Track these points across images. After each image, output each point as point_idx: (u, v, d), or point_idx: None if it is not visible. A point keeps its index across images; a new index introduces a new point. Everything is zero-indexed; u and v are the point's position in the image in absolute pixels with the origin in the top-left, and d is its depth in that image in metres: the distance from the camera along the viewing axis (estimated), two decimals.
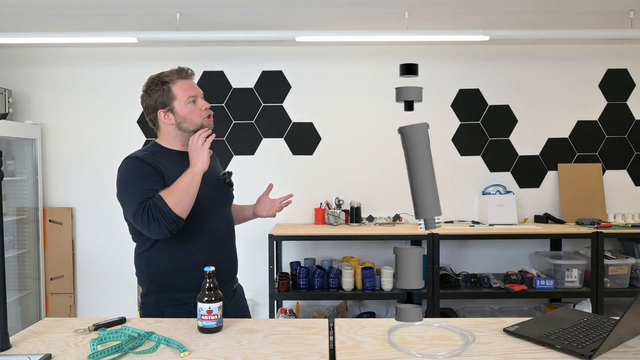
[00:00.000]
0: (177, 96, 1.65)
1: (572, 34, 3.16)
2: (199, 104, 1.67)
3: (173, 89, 1.65)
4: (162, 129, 1.70)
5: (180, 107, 1.65)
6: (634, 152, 3.79)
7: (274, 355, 1.21)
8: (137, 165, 1.60)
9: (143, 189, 1.55)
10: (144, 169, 1.59)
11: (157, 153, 1.67)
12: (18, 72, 3.77)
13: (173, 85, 1.65)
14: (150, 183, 1.56)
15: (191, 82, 1.69)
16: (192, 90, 1.67)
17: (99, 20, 3.21)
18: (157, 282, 1.66)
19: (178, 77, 1.66)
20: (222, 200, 1.76)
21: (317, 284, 3.25)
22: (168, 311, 1.61)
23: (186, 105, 1.65)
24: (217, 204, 1.73)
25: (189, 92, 1.66)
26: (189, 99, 1.65)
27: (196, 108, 1.67)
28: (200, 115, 1.67)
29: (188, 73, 1.69)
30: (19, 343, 1.31)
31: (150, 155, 1.65)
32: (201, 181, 1.59)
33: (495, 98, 3.77)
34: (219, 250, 1.69)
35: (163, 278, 1.64)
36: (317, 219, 3.63)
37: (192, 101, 1.66)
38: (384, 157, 3.75)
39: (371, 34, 3.15)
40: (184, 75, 1.68)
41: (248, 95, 3.76)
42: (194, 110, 1.66)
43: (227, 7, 3.00)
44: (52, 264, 3.72)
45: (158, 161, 1.62)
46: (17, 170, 3.60)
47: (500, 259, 3.75)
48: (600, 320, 1.40)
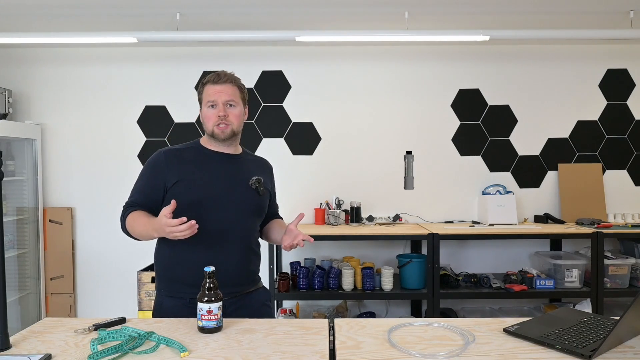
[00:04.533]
0: (204, 99, 1.74)
1: (572, 34, 3.16)
2: (215, 111, 1.71)
3: (204, 90, 1.74)
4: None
5: (203, 109, 1.75)
6: (634, 152, 3.79)
7: (274, 355, 1.21)
8: (151, 162, 1.73)
9: (137, 187, 1.73)
10: (153, 167, 1.71)
11: (189, 150, 1.75)
12: (18, 72, 3.77)
13: (205, 87, 1.74)
14: (145, 184, 1.71)
15: (219, 88, 1.71)
16: (214, 95, 1.71)
17: (99, 20, 3.21)
18: (160, 272, 1.74)
19: (209, 80, 1.74)
20: (240, 206, 1.72)
21: (317, 284, 3.25)
22: (167, 302, 1.69)
23: (206, 109, 1.73)
24: (232, 208, 1.70)
25: (210, 97, 1.71)
26: (208, 103, 1.72)
27: (212, 114, 1.71)
28: (212, 121, 1.71)
29: (220, 78, 1.72)
30: (19, 343, 1.31)
31: (178, 150, 1.75)
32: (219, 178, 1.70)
33: (495, 98, 3.77)
34: (222, 253, 1.67)
35: (164, 269, 1.72)
36: (317, 219, 3.63)
37: (211, 106, 1.72)
38: (384, 157, 3.76)
39: (371, 34, 3.15)
40: (215, 79, 1.72)
41: (248, 95, 3.75)
42: (209, 115, 1.72)
43: (227, 7, 3.00)
44: (52, 264, 3.73)
45: (181, 157, 1.71)
46: (17, 170, 3.60)
47: (500, 259, 3.75)
48: (600, 320, 1.40)
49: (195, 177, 1.68)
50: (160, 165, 1.70)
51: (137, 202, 1.70)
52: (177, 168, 1.68)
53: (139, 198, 1.70)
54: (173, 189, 1.66)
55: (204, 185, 1.68)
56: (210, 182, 1.69)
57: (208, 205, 1.66)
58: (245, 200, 1.74)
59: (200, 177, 1.69)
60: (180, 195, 1.62)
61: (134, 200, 1.70)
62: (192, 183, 1.67)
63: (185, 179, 1.67)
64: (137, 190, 1.72)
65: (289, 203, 3.70)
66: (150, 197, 1.69)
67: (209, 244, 1.66)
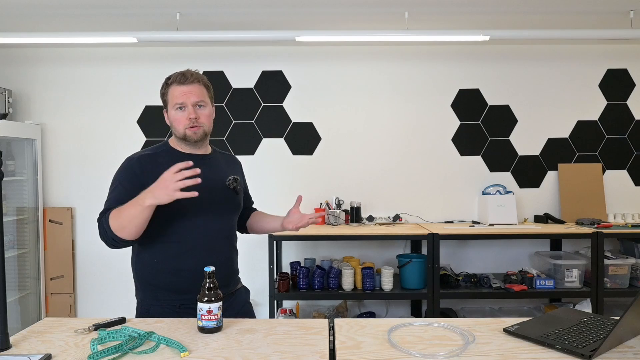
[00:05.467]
0: (169, 100, 1.67)
1: (572, 34, 3.16)
2: (185, 113, 1.64)
3: (169, 92, 1.67)
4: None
5: (170, 111, 1.68)
6: (634, 152, 3.79)
7: (274, 355, 1.21)
8: (124, 170, 1.64)
9: (113, 197, 1.60)
10: (128, 174, 1.62)
11: (161, 153, 1.69)
12: (18, 72, 3.77)
13: (170, 89, 1.67)
14: (121, 192, 1.59)
15: (186, 89, 1.64)
16: (182, 97, 1.63)
17: (99, 20, 3.21)
18: (142, 280, 1.67)
19: (174, 81, 1.66)
20: (220, 207, 1.70)
21: (317, 284, 3.25)
22: (155, 309, 1.62)
23: (175, 111, 1.66)
24: (213, 210, 1.68)
25: (178, 99, 1.64)
26: (175, 106, 1.65)
27: (182, 116, 1.65)
28: (183, 124, 1.65)
29: (186, 78, 1.65)
30: (19, 343, 1.31)
31: (151, 155, 1.67)
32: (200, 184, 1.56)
33: (495, 98, 3.77)
34: (207, 256, 1.62)
35: (147, 276, 1.66)
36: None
37: (179, 108, 1.65)
38: (383, 157, 3.76)
39: (371, 34, 3.15)
40: (181, 80, 1.65)
41: (248, 95, 3.76)
42: (179, 118, 1.65)
43: (227, 7, 3.00)
44: (52, 264, 3.73)
45: (156, 162, 1.62)
46: (17, 170, 3.60)
47: (500, 259, 3.75)
48: (600, 320, 1.40)
49: None
50: (135, 173, 1.61)
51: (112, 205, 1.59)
52: (153, 174, 1.54)
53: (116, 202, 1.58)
54: None
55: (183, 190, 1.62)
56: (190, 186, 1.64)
57: (191, 209, 1.62)
58: (225, 200, 1.73)
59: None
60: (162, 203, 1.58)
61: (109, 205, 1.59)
62: None
63: None
64: (114, 200, 1.59)
65: (289, 203, 3.68)
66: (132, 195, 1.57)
67: (195, 249, 1.63)
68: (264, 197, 3.34)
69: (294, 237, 3.33)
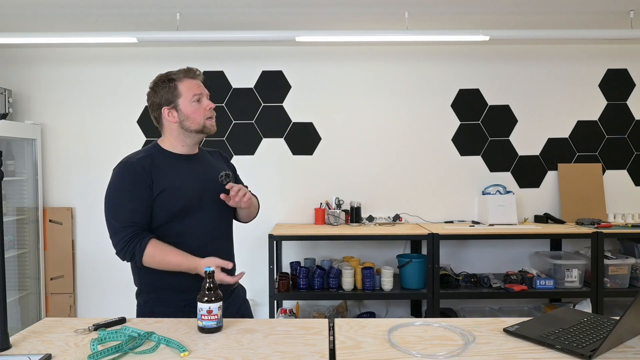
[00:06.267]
0: (183, 94, 1.66)
1: (572, 34, 3.16)
2: (204, 104, 1.68)
3: (179, 86, 1.66)
4: (165, 127, 1.70)
5: (185, 105, 1.66)
6: (634, 152, 3.79)
7: (274, 355, 1.21)
8: (126, 176, 1.60)
9: (127, 208, 1.57)
10: (132, 180, 1.59)
11: (155, 155, 1.66)
12: (18, 72, 3.77)
13: (179, 83, 1.67)
14: (133, 200, 1.57)
15: (198, 82, 1.69)
16: (198, 89, 1.68)
17: (99, 20, 3.21)
18: (145, 281, 1.67)
19: (185, 75, 1.68)
20: (218, 204, 1.70)
21: (317, 284, 3.25)
22: (158, 309, 1.63)
23: (191, 104, 1.66)
24: (212, 208, 1.69)
25: (195, 90, 1.67)
26: (193, 97, 1.66)
27: (200, 107, 1.67)
28: (203, 114, 1.68)
29: (195, 73, 1.70)
30: (19, 343, 1.31)
31: (146, 157, 1.64)
32: (194, 181, 1.62)
33: (495, 98, 3.77)
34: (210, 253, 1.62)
35: (151, 278, 1.64)
36: (317, 219, 3.62)
37: (197, 100, 1.67)
38: (383, 157, 3.76)
39: (371, 34, 3.15)
40: (191, 74, 1.69)
41: (248, 95, 3.76)
42: (197, 109, 1.67)
43: (227, 7, 3.00)
44: (52, 264, 3.72)
45: (153, 164, 1.62)
46: (17, 170, 3.60)
47: (500, 259, 3.75)
48: (600, 320, 1.40)
49: (175, 184, 1.62)
50: (142, 175, 1.59)
51: (136, 223, 1.58)
52: (156, 177, 1.59)
53: (136, 217, 1.57)
54: (157, 200, 1.60)
55: (185, 191, 1.63)
56: (189, 186, 1.65)
57: (193, 210, 1.64)
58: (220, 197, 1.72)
59: (179, 184, 1.63)
60: (165, 206, 1.59)
61: (134, 223, 1.57)
62: (175, 191, 1.61)
63: (167, 187, 1.60)
64: (127, 210, 1.57)
65: (289, 203, 3.71)
66: (146, 214, 1.59)
67: (198, 248, 1.63)
68: (263, 197, 3.34)
69: (294, 237, 3.33)
